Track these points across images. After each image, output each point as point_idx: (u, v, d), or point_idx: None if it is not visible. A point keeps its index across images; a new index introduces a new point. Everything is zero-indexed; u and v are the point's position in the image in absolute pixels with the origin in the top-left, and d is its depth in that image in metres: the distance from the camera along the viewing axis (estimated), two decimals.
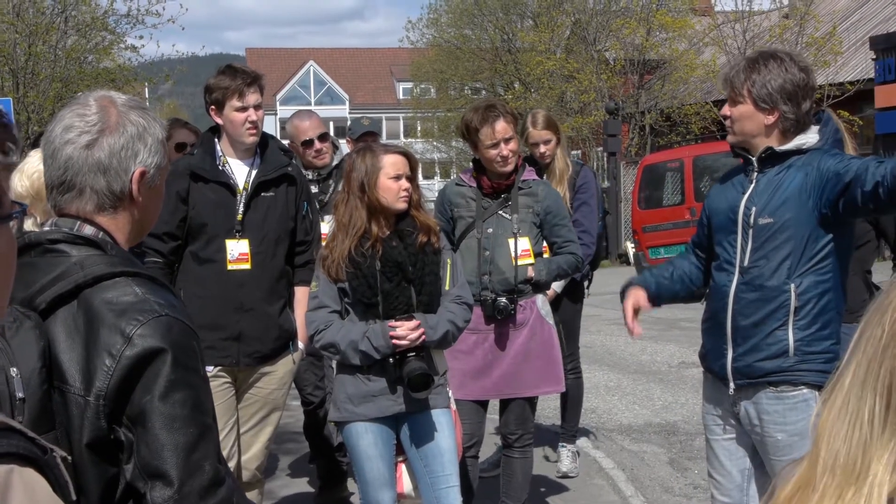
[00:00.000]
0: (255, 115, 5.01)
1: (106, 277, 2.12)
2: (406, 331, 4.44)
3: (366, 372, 4.54)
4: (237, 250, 5.01)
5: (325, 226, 5.64)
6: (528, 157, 6.33)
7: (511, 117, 5.36)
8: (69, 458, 1.95)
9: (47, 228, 2.23)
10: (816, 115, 4.08)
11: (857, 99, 25.15)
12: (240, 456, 5.07)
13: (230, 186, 5.04)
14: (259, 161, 5.12)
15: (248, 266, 5.01)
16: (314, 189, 6.34)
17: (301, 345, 5.22)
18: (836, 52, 27.09)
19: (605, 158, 29.44)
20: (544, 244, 5.53)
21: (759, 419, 4.01)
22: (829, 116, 4.11)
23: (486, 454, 6.97)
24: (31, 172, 4.09)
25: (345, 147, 7.36)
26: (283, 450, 7.83)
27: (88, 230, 2.20)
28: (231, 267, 5.01)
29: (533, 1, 37.25)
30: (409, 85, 54.27)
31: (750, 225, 3.98)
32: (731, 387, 4.05)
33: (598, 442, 8.23)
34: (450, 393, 4.76)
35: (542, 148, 6.65)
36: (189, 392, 2.09)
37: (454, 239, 5.43)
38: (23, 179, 4.13)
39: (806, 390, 3.93)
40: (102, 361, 2.04)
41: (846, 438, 1.21)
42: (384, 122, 58.49)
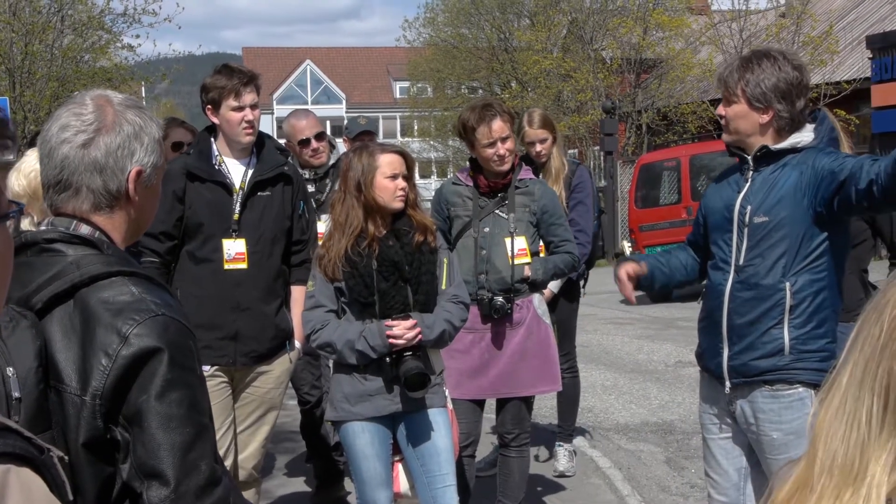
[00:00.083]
0: (251, 115, 5.01)
1: (102, 277, 2.11)
2: (402, 330, 4.44)
3: (362, 371, 4.54)
4: (234, 250, 5.01)
5: (322, 225, 5.64)
6: (524, 157, 6.34)
7: (508, 116, 5.36)
8: (66, 458, 1.95)
9: (43, 228, 2.22)
10: (812, 113, 4.09)
11: (854, 98, 25.16)
12: (236, 455, 5.06)
13: (226, 186, 5.04)
14: (255, 160, 5.12)
15: (244, 265, 5.01)
16: (311, 188, 6.34)
17: (298, 344, 5.22)
18: (832, 52, 27.11)
19: (601, 157, 29.44)
20: (541, 243, 5.53)
21: (754, 418, 4.01)
22: (824, 115, 4.12)
23: (483, 453, 6.97)
24: (28, 171, 4.08)
25: (341, 146, 7.35)
26: (279, 449, 7.83)
27: (85, 229, 2.20)
28: (228, 266, 5.00)
29: (529, 0, 37.25)
30: (406, 84, 54.31)
31: (745, 223, 3.99)
32: (727, 385, 4.06)
33: (594, 441, 8.24)
34: (446, 392, 4.76)
35: (539, 147, 6.65)
36: (185, 391, 2.08)
37: (451, 238, 5.43)
38: (20, 178, 4.13)
39: (801, 389, 3.93)
40: (99, 361, 2.04)
41: (844, 439, 1.21)
42: (381, 122, 58.37)
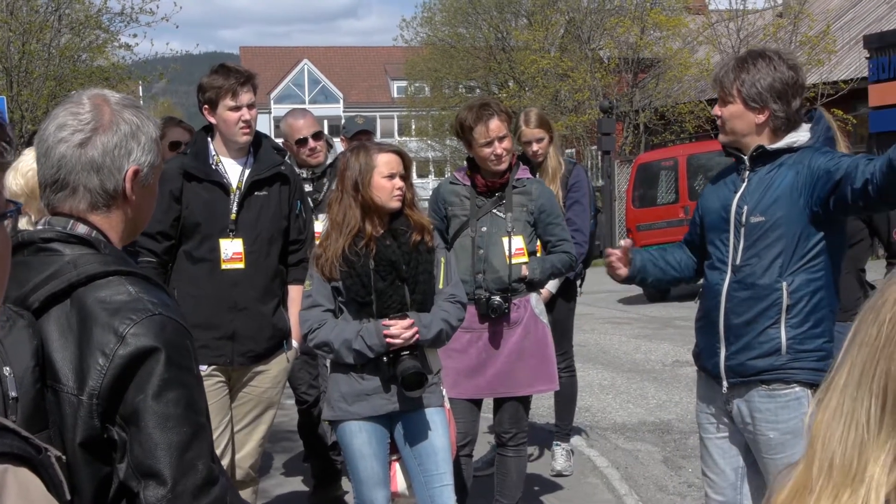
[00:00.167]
0: (248, 115, 5.01)
1: (99, 276, 2.11)
2: (400, 329, 4.43)
3: (359, 371, 4.54)
4: (231, 249, 5.01)
5: (320, 224, 5.64)
6: (520, 156, 6.34)
7: (505, 116, 5.36)
8: (63, 458, 1.95)
9: (40, 227, 2.22)
10: (808, 113, 4.09)
11: (851, 97, 25.19)
12: (234, 454, 5.06)
13: (223, 186, 5.04)
14: (252, 160, 5.12)
15: (241, 265, 5.01)
16: (308, 188, 6.34)
17: (295, 343, 5.22)
18: (829, 51, 27.14)
19: (599, 157, 29.45)
20: (538, 243, 5.53)
21: (751, 417, 4.01)
22: (820, 115, 4.12)
23: (480, 453, 6.97)
24: (25, 171, 4.09)
25: (339, 146, 7.35)
26: (277, 449, 7.83)
27: (82, 229, 2.20)
28: (225, 266, 5.00)
29: (527, 0, 37.25)
30: (404, 83, 54.28)
31: (742, 223, 3.99)
32: (723, 385, 4.06)
33: (592, 440, 8.24)
34: (444, 391, 4.76)
35: (535, 146, 6.65)
36: (182, 391, 2.08)
37: (448, 237, 5.43)
38: (17, 178, 4.13)
39: (798, 388, 3.94)
40: (96, 360, 2.04)
41: (842, 440, 1.21)
42: (378, 121, 58.39)
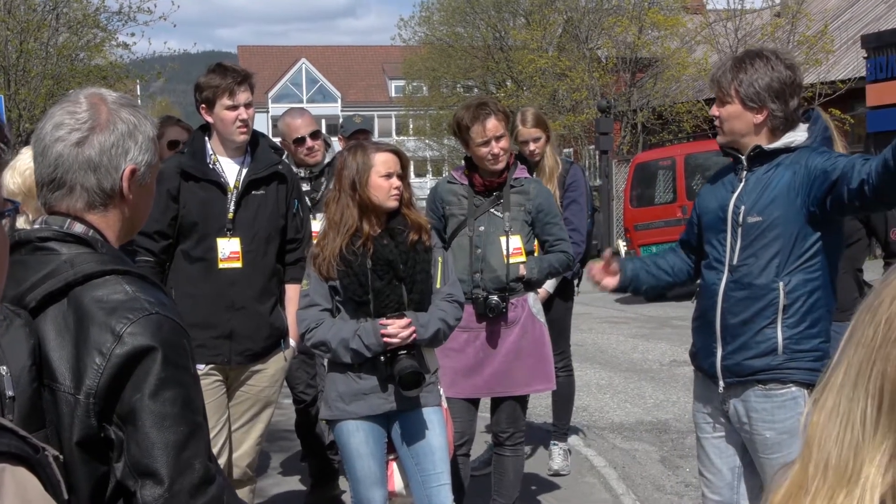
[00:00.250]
0: (245, 114, 5.01)
1: (96, 275, 2.11)
2: (397, 329, 4.43)
3: (357, 370, 4.54)
4: (228, 249, 5.01)
5: (318, 224, 5.64)
6: (517, 156, 6.33)
7: (502, 115, 5.36)
8: (61, 457, 1.95)
9: (37, 226, 2.22)
10: (806, 113, 4.09)
11: (849, 97, 25.21)
12: (231, 453, 5.06)
13: (221, 185, 5.04)
14: (250, 159, 5.12)
15: (239, 264, 5.02)
16: (306, 187, 6.34)
17: (292, 342, 5.22)
18: (827, 51, 27.14)
19: (596, 156, 29.43)
20: (535, 242, 5.53)
21: (747, 417, 4.01)
22: (818, 114, 4.12)
23: (478, 452, 6.97)
24: (23, 170, 4.08)
25: (337, 145, 7.35)
26: (274, 448, 7.83)
27: (78, 228, 2.20)
28: (222, 265, 5.01)
29: None
30: (402, 83, 54.26)
31: (739, 223, 3.99)
32: (720, 385, 4.06)
33: (589, 440, 8.24)
34: (441, 391, 4.76)
35: (532, 146, 6.65)
36: (179, 390, 2.08)
37: (446, 237, 5.43)
38: (14, 177, 4.13)
39: (794, 388, 3.94)
40: (92, 360, 2.04)
41: (838, 440, 1.20)
42: (376, 120, 58.40)
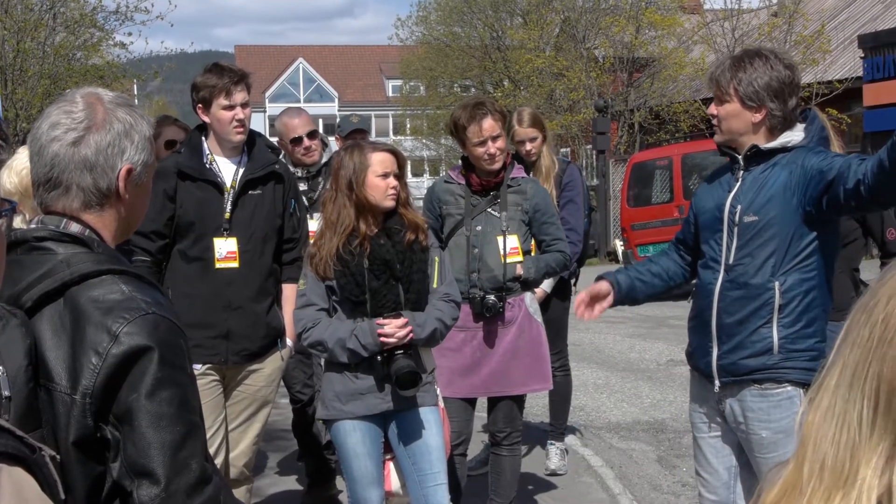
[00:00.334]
0: (242, 114, 5.01)
1: (92, 275, 2.11)
2: (394, 329, 4.43)
3: (353, 370, 4.54)
4: (225, 248, 5.01)
5: (315, 223, 5.64)
6: (514, 155, 6.33)
7: (499, 115, 5.36)
8: (58, 457, 1.95)
9: (33, 226, 2.22)
10: (803, 112, 4.09)
11: (846, 97, 25.23)
12: (228, 453, 5.06)
13: (217, 185, 5.03)
14: (246, 159, 5.12)
15: (235, 264, 5.01)
16: (303, 186, 6.34)
17: (289, 342, 5.22)
18: (824, 51, 27.17)
19: (594, 156, 29.48)
20: (532, 242, 5.53)
21: (743, 417, 4.02)
22: (814, 114, 4.13)
23: (475, 452, 6.97)
24: (19, 169, 4.08)
25: (334, 145, 7.35)
26: (271, 448, 7.82)
27: (75, 228, 2.20)
28: (219, 265, 5.00)
29: None
30: (399, 82, 54.24)
31: (735, 223, 3.99)
32: (716, 384, 4.07)
33: (586, 440, 8.25)
34: (438, 391, 4.76)
35: (528, 146, 6.65)
36: (176, 390, 2.08)
37: (443, 236, 5.43)
38: (11, 176, 4.12)
39: (790, 388, 3.94)
40: (89, 359, 2.03)
41: (833, 441, 1.20)
42: (373, 120, 58.46)
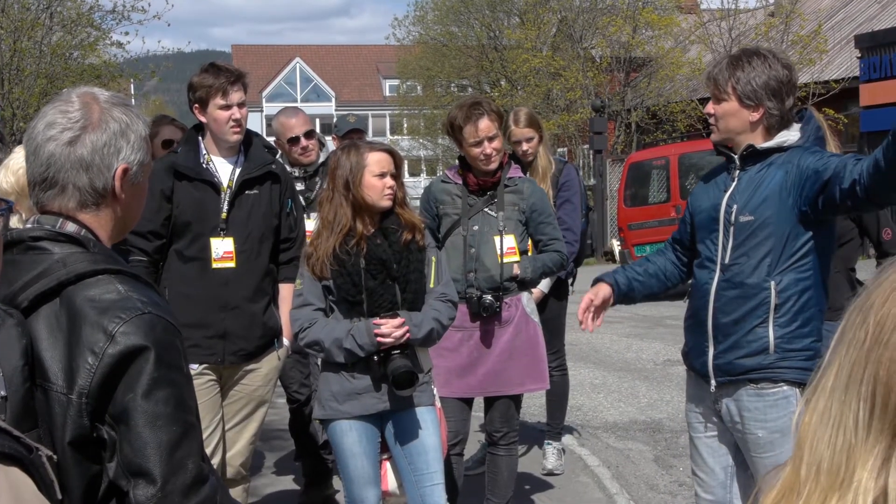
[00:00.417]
0: (238, 114, 5.00)
1: (88, 275, 2.11)
2: (390, 329, 4.43)
3: (350, 370, 4.54)
4: (222, 248, 5.01)
5: (312, 223, 5.64)
6: (511, 155, 6.33)
7: (496, 115, 5.35)
8: (55, 458, 1.95)
9: (29, 226, 2.22)
10: (799, 112, 4.10)
11: (843, 97, 25.24)
12: (224, 453, 5.06)
13: (214, 185, 5.03)
14: (243, 159, 5.12)
15: (232, 264, 5.01)
16: (300, 186, 6.34)
17: (286, 342, 5.22)
18: (821, 51, 27.19)
19: (591, 156, 29.47)
20: (529, 241, 5.53)
21: (739, 416, 4.02)
22: (810, 114, 4.13)
23: (471, 452, 6.97)
24: (16, 168, 4.07)
25: (331, 144, 7.35)
26: (268, 447, 7.82)
27: (71, 227, 2.19)
28: (216, 265, 5.00)
29: None
30: (396, 82, 54.27)
31: (731, 222, 4.00)
32: (712, 384, 4.07)
33: (583, 439, 8.25)
34: (434, 391, 4.76)
35: (525, 146, 6.65)
36: (172, 390, 2.08)
37: (439, 236, 5.43)
38: (8, 176, 4.12)
39: (786, 387, 3.95)
40: (85, 359, 2.03)
41: (830, 443, 1.20)
42: (370, 120, 58.37)
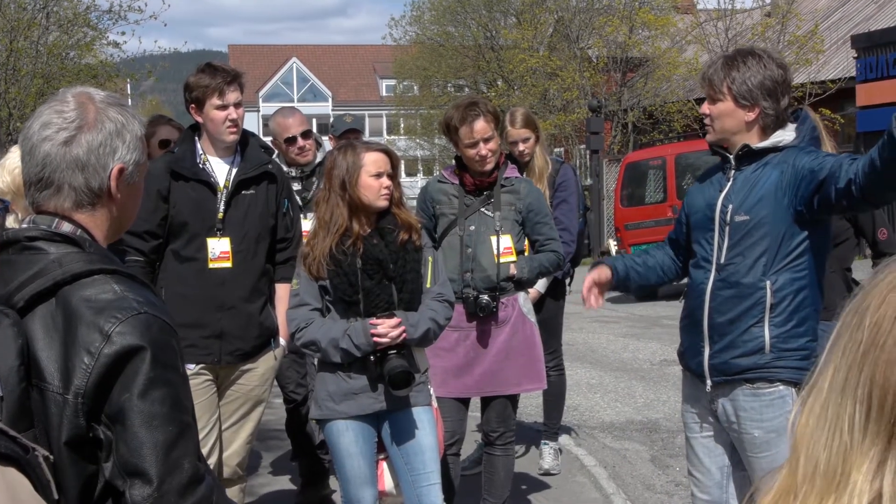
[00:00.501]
0: (235, 114, 5.00)
1: (84, 275, 2.11)
2: (387, 329, 4.43)
3: (347, 370, 4.54)
4: (218, 248, 5.01)
5: (309, 223, 5.63)
6: (508, 155, 6.33)
7: (492, 116, 5.35)
8: (51, 458, 1.95)
9: (25, 226, 2.22)
10: (794, 112, 4.10)
11: (839, 97, 25.27)
12: (221, 452, 5.06)
13: (210, 185, 5.03)
14: (239, 159, 5.12)
15: (229, 264, 5.01)
16: (297, 186, 6.34)
17: (283, 341, 5.22)
18: (817, 51, 27.20)
19: (587, 156, 29.45)
20: (526, 241, 5.53)
21: (735, 416, 4.02)
22: (806, 114, 4.14)
23: (468, 452, 6.97)
24: (12, 168, 4.08)
25: (328, 144, 7.34)
26: (265, 447, 7.82)
27: (66, 227, 2.19)
28: (212, 265, 5.00)
29: None
30: (393, 82, 54.27)
31: (726, 222, 4.00)
32: (708, 384, 4.07)
33: (579, 439, 8.25)
34: (431, 390, 4.76)
35: (521, 146, 6.65)
36: (168, 390, 2.08)
37: (436, 236, 5.43)
38: (4, 175, 4.12)
39: (782, 387, 3.95)
40: (81, 359, 2.03)
41: (826, 446, 1.20)
42: (367, 119, 58.44)
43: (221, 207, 5.03)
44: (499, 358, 5.38)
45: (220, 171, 5.08)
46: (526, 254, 5.52)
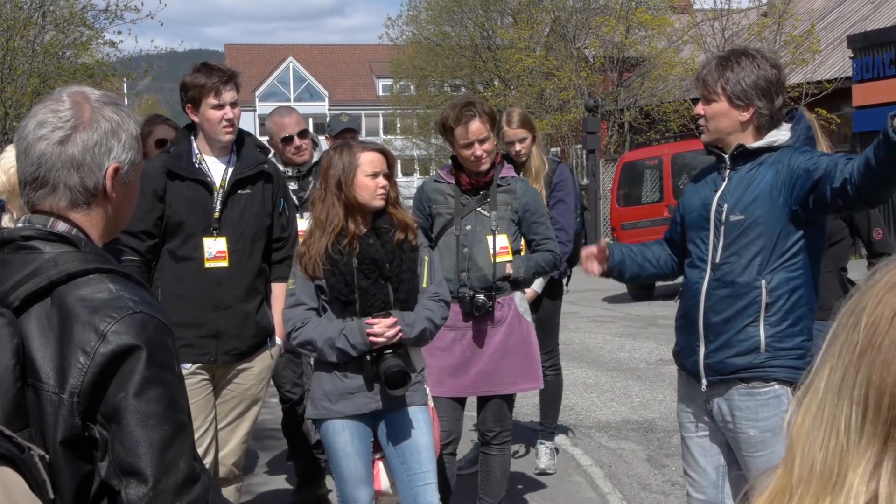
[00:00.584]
0: (231, 113, 5.00)
1: (80, 274, 2.11)
2: (383, 328, 4.43)
3: (343, 369, 4.54)
4: (214, 248, 5.01)
5: (305, 223, 5.63)
6: (504, 155, 6.32)
7: (488, 117, 5.34)
8: (46, 457, 1.94)
9: (20, 225, 2.21)
10: (789, 112, 4.11)
11: (835, 97, 25.28)
12: (217, 452, 5.06)
13: (207, 184, 5.03)
14: (235, 158, 5.12)
15: (225, 264, 5.01)
16: (294, 186, 6.33)
17: (279, 341, 5.22)
18: (814, 51, 27.21)
19: (584, 156, 29.45)
20: (522, 241, 5.53)
21: (731, 415, 4.03)
22: (801, 114, 4.14)
23: (464, 451, 6.98)
24: (7, 167, 4.07)
25: (324, 144, 7.34)
26: (261, 447, 7.82)
27: (62, 227, 2.19)
28: (208, 265, 5.00)
29: None
30: (389, 82, 54.24)
31: (722, 222, 4.01)
32: (703, 383, 4.08)
33: (576, 439, 8.25)
34: (427, 390, 4.76)
35: (518, 146, 6.65)
36: (164, 389, 2.08)
37: (432, 236, 5.43)
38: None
39: (777, 386, 3.96)
40: (76, 359, 2.03)
41: (822, 447, 1.20)
42: (363, 119, 58.50)
43: (218, 207, 5.03)
44: (495, 357, 5.39)
45: (217, 170, 5.07)
46: (522, 253, 5.52)
